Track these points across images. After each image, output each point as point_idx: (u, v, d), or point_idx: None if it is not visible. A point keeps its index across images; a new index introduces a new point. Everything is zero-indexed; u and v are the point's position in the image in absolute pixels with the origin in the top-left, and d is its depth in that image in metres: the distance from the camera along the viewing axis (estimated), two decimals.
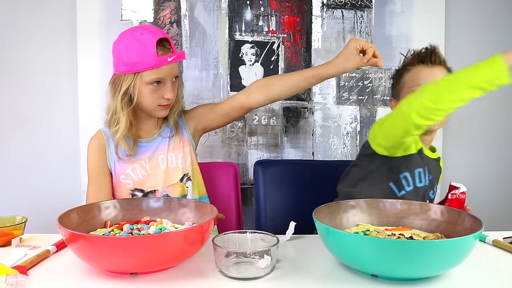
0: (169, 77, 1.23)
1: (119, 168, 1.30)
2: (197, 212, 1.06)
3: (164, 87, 1.23)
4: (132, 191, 1.30)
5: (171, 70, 1.23)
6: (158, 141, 1.33)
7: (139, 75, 1.20)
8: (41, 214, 1.43)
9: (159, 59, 1.18)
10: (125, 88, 1.22)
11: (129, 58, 1.20)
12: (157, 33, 1.21)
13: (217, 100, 1.82)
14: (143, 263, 0.86)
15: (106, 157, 1.30)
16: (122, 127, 1.24)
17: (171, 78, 1.24)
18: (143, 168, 1.30)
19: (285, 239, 1.08)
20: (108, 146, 1.31)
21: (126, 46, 1.22)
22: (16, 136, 1.83)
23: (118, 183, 1.31)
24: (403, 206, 1.07)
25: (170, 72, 1.23)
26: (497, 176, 1.98)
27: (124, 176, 1.30)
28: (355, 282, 0.86)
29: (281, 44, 1.82)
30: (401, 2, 1.85)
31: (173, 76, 1.25)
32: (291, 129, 1.86)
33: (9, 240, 1.07)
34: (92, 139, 1.33)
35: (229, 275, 0.87)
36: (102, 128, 1.34)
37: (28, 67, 1.81)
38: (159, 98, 1.24)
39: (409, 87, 1.26)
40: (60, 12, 1.79)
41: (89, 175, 1.32)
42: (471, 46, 1.91)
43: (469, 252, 0.83)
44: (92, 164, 1.31)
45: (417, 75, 1.25)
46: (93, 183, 1.31)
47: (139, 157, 1.31)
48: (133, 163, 1.30)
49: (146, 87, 1.22)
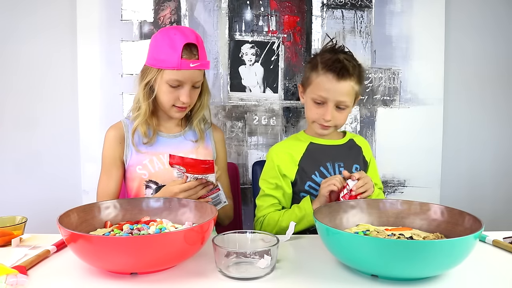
0: (188, 82, 1.27)
1: (137, 159, 1.32)
2: (197, 212, 1.06)
3: (182, 90, 1.27)
4: (147, 182, 1.32)
5: (191, 75, 1.26)
6: (180, 140, 1.37)
7: (161, 72, 1.26)
8: (41, 214, 1.43)
9: (181, 62, 1.22)
10: (148, 80, 1.28)
11: (157, 54, 1.26)
12: (190, 37, 1.25)
13: (217, 100, 1.82)
14: (143, 263, 0.86)
15: (123, 147, 1.33)
16: (141, 114, 1.30)
17: (190, 84, 1.27)
18: (160, 161, 1.33)
19: (285, 239, 1.08)
20: (128, 137, 1.34)
21: (158, 42, 1.27)
22: (16, 136, 1.83)
23: (134, 174, 1.33)
24: (403, 206, 1.07)
25: (190, 77, 1.26)
26: (497, 176, 1.98)
27: (141, 167, 1.32)
28: (355, 282, 0.86)
29: (281, 44, 1.82)
30: (401, 2, 1.85)
31: (193, 82, 1.28)
32: (291, 129, 1.86)
33: (9, 240, 1.07)
34: (110, 129, 1.36)
35: (229, 275, 0.87)
36: (123, 120, 1.38)
37: (28, 67, 1.81)
38: (175, 99, 1.28)
39: (312, 91, 1.32)
40: (60, 12, 1.79)
41: (103, 164, 1.36)
42: (471, 46, 1.91)
43: (469, 252, 0.83)
44: (107, 154, 1.35)
45: (323, 84, 1.28)
46: (105, 172, 1.35)
47: (158, 150, 1.33)
48: (151, 155, 1.33)
49: (165, 85, 1.26)
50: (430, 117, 1.88)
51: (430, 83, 1.88)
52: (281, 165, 1.34)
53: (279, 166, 1.34)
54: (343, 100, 1.28)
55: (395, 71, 1.87)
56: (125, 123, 1.36)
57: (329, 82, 1.27)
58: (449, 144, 1.92)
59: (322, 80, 1.28)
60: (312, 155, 1.36)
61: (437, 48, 1.86)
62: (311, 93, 1.31)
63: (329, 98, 1.27)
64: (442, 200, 1.89)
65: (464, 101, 1.93)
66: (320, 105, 1.30)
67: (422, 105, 1.88)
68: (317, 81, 1.29)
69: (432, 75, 1.88)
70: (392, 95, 1.87)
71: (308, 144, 1.38)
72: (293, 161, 1.34)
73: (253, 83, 1.83)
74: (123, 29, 1.78)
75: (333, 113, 1.29)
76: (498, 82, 1.93)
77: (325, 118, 1.29)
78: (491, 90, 1.93)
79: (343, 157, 1.37)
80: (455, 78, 1.91)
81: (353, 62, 1.30)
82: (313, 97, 1.30)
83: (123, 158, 1.34)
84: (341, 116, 1.31)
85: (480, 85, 1.93)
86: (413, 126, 1.88)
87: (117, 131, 1.35)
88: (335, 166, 1.35)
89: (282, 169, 1.34)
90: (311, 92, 1.32)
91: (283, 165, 1.34)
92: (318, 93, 1.28)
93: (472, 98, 1.93)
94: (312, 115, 1.32)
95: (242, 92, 1.83)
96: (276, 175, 1.34)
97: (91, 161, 1.79)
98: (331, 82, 1.26)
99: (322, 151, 1.37)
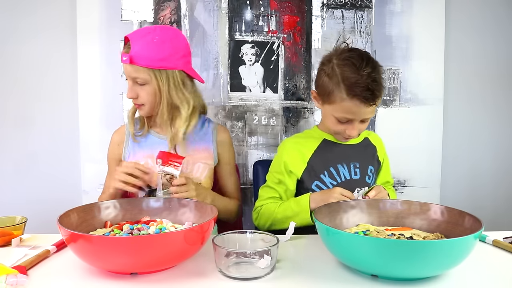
0: (128, 77, 1.26)
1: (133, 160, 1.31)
2: (197, 212, 1.06)
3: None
4: None
5: (126, 70, 1.25)
6: None
7: None
8: (41, 214, 1.43)
9: (121, 55, 1.23)
10: None
11: None
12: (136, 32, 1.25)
13: (217, 100, 1.82)
14: (143, 263, 0.86)
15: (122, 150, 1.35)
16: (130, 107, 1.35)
17: (130, 79, 1.25)
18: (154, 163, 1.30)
19: (285, 239, 1.08)
20: (128, 139, 1.35)
21: None
22: (16, 136, 1.83)
23: None
24: (403, 206, 1.07)
25: (126, 72, 1.26)
26: (497, 176, 1.98)
27: None
28: (355, 282, 0.86)
29: (281, 44, 1.82)
30: (401, 2, 1.85)
31: (130, 77, 1.25)
32: (291, 129, 1.86)
33: (9, 240, 1.07)
34: (114, 132, 1.41)
35: (229, 275, 0.87)
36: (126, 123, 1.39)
37: (28, 67, 1.81)
38: None
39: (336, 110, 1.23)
40: (60, 12, 1.79)
41: (108, 166, 1.41)
42: (471, 46, 1.91)
43: (469, 252, 0.83)
44: (110, 156, 1.39)
45: (349, 109, 1.20)
46: (110, 175, 1.37)
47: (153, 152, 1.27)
48: (146, 157, 1.31)
49: None
50: (430, 117, 1.88)
51: (430, 83, 1.88)
52: (289, 162, 1.31)
53: (286, 162, 1.31)
54: (368, 118, 1.24)
55: (395, 71, 1.87)
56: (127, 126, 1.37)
57: (357, 107, 1.19)
58: (449, 144, 1.92)
59: (349, 105, 1.20)
60: (323, 154, 1.32)
61: (437, 48, 1.87)
62: (335, 112, 1.24)
63: (355, 119, 1.23)
64: (442, 200, 1.89)
65: (464, 101, 1.93)
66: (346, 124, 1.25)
67: (422, 105, 1.88)
68: (342, 104, 1.20)
69: (432, 75, 1.88)
70: (392, 95, 1.87)
71: (321, 142, 1.33)
72: (302, 159, 1.31)
73: (253, 83, 1.83)
74: (123, 29, 1.78)
75: (358, 127, 1.25)
76: (498, 82, 1.93)
77: (350, 134, 1.25)
78: (491, 90, 1.93)
79: (358, 157, 1.33)
80: (455, 78, 1.91)
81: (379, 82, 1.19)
82: (337, 116, 1.24)
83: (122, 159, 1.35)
84: (364, 126, 1.27)
85: (480, 85, 1.93)
86: (413, 126, 1.88)
87: (119, 135, 1.38)
88: (350, 166, 1.31)
89: (289, 166, 1.31)
90: (334, 110, 1.24)
91: (290, 161, 1.31)
92: (344, 115, 1.22)
93: (472, 98, 1.93)
94: (335, 128, 1.27)
95: (242, 92, 1.83)
96: (280, 171, 1.32)
97: (91, 161, 1.79)
98: (359, 107, 1.19)
99: (335, 150, 1.32)
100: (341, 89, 1.19)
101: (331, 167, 1.30)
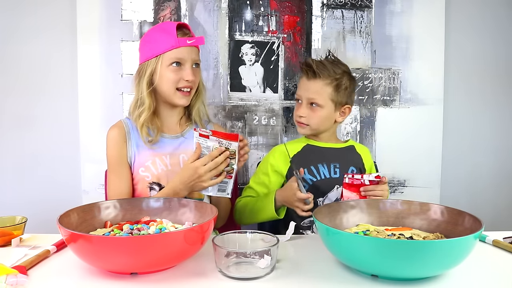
0: (189, 60, 1.28)
1: (139, 160, 1.31)
2: (197, 212, 1.06)
3: (184, 69, 1.28)
4: (150, 184, 1.31)
5: (190, 53, 1.28)
6: (180, 141, 1.35)
7: (160, 58, 1.27)
8: (41, 214, 1.43)
9: (178, 40, 1.26)
10: (149, 72, 1.28)
11: (151, 44, 1.28)
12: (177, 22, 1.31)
13: (217, 100, 1.82)
14: (143, 263, 0.86)
15: (126, 148, 1.31)
16: (146, 108, 1.28)
17: (191, 62, 1.29)
18: (163, 162, 1.31)
19: (285, 239, 1.08)
20: (129, 138, 1.32)
21: (149, 36, 1.31)
22: (16, 136, 1.83)
23: (137, 176, 1.31)
24: (403, 206, 1.07)
25: (190, 55, 1.28)
26: (497, 176, 1.98)
27: (144, 169, 1.31)
28: (355, 282, 0.86)
29: (281, 44, 1.82)
30: (401, 2, 1.85)
31: (193, 60, 1.30)
32: (291, 129, 1.86)
33: (9, 240, 1.07)
34: (112, 128, 1.34)
35: (229, 275, 0.87)
36: (123, 119, 1.36)
37: (28, 67, 1.81)
38: (178, 81, 1.28)
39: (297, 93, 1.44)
40: (60, 12, 1.79)
41: (109, 165, 1.33)
42: (471, 46, 1.91)
43: (469, 252, 0.83)
44: (112, 154, 1.32)
45: (299, 85, 1.44)
46: (113, 173, 1.32)
47: (160, 151, 1.32)
48: (154, 156, 1.31)
49: (166, 71, 1.27)
50: (430, 117, 1.88)
51: (430, 83, 1.88)
52: (274, 163, 1.42)
53: (272, 163, 1.42)
54: (312, 97, 1.37)
55: (395, 71, 1.87)
56: (126, 123, 1.34)
57: (302, 81, 1.41)
58: (449, 144, 1.92)
59: (299, 81, 1.44)
60: (305, 155, 1.42)
61: (437, 48, 1.87)
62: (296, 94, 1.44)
63: (302, 96, 1.39)
64: (442, 200, 1.89)
65: (464, 101, 1.93)
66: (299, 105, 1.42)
67: (422, 105, 1.88)
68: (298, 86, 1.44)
69: (432, 75, 1.88)
70: (392, 95, 1.87)
71: (305, 145, 1.44)
72: (286, 159, 1.41)
73: (253, 83, 1.83)
74: (123, 29, 1.78)
75: (306, 111, 1.38)
76: (498, 82, 1.93)
77: (298, 113, 1.40)
78: (491, 90, 1.93)
79: (339, 158, 1.42)
80: (455, 78, 1.91)
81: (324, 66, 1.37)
82: (295, 97, 1.44)
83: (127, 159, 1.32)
84: (314, 114, 1.38)
85: (480, 85, 1.93)
86: (413, 126, 1.88)
87: (119, 130, 1.33)
88: (330, 166, 1.39)
89: (275, 166, 1.41)
90: None
91: (275, 162, 1.42)
92: (297, 92, 1.43)
93: (472, 98, 1.93)
94: (294, 115, 1.43)
95: (242, 92, 1.83)
96: (266, 172, 1.42)
97: (91, 161, 1.79)
98: (303, 82, 1.40)
99: (317, 152, 1.42)
100: None
101: (312, 166, 1.39)
